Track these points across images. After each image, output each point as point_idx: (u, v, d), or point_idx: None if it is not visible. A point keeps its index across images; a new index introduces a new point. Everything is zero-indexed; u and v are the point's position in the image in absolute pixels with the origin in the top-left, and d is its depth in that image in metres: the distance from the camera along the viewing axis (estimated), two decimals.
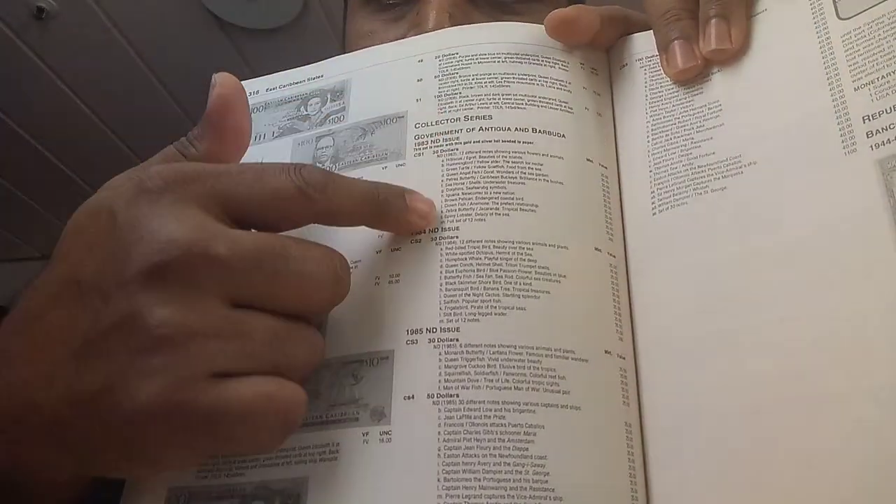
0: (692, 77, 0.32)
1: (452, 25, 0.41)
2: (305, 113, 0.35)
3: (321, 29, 1.41)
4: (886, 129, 0.26)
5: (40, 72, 1.54)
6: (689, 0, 0.32)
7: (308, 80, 0.36)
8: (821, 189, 0.27)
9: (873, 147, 0.26)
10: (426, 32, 0.41)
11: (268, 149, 0.35)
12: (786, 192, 0.27)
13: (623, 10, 0.36)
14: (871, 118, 0.26)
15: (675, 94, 0.33)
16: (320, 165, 0.33)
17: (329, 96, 0.35)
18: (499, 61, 0.33)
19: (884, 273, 0.24)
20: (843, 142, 0.27)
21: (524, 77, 0.33)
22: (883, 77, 0.26)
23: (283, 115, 0.36)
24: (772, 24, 0.31)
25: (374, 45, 0.45)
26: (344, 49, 0.52)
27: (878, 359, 0.23)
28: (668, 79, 0.33)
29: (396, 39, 0.43)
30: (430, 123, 0.33)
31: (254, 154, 0.34)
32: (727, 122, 0.30)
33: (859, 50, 0.27)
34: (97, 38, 1.47)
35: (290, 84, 0.37)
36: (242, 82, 0.32)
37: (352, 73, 0.36)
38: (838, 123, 0.27)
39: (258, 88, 0.37)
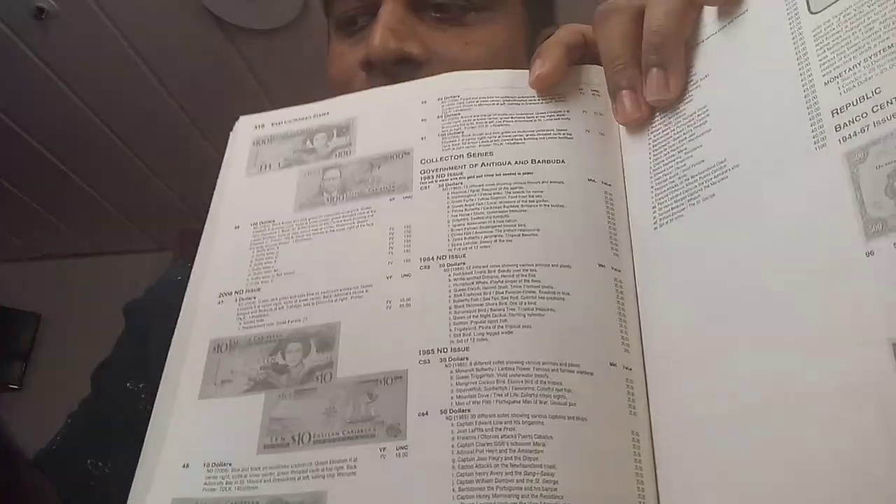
0: (641, 123, 0.34)
1: (396, 42, 0.44)
2: (311, 147, 0.38)
3: (321, 29, 1.41)
4: (852, 122, 0.25)
5: (40, 72, 1.55)
6: (636, 47, 0.33)
7: (314, 116, 0.39)
8: (794, 187, 0.26)
9: (841, 140, 0.26)
10: (373, 48, 0.44)
11: (275, 178, 0.38)
12: (763, 194, 0.27)
13: (575, 30, 0.36)
14: (839, 111, 0.26)
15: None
16: (327, 195, 0.36)
17: (335, 132, 0.38)
18: (497, 103, 0.36)
19: (851, 270, 0.24)
20: (814, 137, 0.26)
21: (521, 116, 0.35)
22: (850, 70, 0.26)
23: (288, 148, 0.39)
24: (752, 24, 0.31)
25: (343, 65, 0.48)
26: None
27: (849, 357, 0.23)
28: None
29: (358, 60, 0.46)
30: (434, 159, 0.35)
31: (262, 183, 0.38)
32: (714, 126, 0.30)
33: (828, 43, 0.27)
34: (97, 38, 1.48)
35: (295, 120, 0.39)
36: (248, 117, 0.35)
37: (357, 111, 0.39)
38: (810, 119, 0.27)
39: (264, 122, 0.40)
